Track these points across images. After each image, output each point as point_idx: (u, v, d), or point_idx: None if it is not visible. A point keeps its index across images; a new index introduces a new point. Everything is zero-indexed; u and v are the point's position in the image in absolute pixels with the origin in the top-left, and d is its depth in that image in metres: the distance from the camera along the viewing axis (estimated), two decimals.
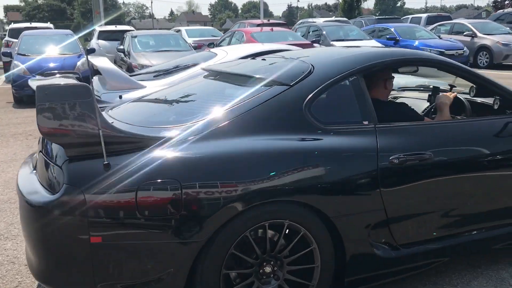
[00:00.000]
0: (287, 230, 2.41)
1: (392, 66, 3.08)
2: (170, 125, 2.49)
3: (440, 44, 14.87)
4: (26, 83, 9.60)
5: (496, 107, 3.19)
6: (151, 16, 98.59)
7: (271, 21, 18.73)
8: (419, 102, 4.00)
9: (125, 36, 13.76)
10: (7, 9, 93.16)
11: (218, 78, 3.16)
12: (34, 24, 16.71)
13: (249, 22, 19.24)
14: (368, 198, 2.54)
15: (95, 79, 5.33)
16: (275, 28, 13.47)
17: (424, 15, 21.54)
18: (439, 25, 18.57)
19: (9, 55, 12.04)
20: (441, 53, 14.38)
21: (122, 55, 12.76)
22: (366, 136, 2.61)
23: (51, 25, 16.87)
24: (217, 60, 5.30)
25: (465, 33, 16.54)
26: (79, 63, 11.22)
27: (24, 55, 11.34)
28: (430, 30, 17.72)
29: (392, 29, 15.96)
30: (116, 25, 20.34)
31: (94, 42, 16.81)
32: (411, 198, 2.64)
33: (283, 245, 2.43)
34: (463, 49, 15.03)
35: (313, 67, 2.78)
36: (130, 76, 5.28)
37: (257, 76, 2.82)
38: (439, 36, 16.19)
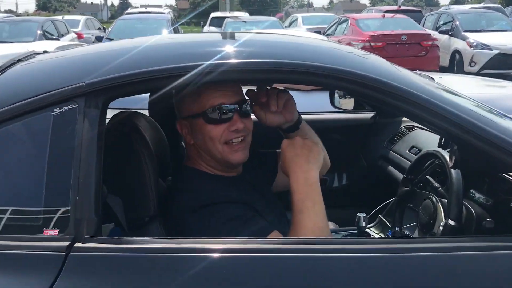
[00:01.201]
0: None
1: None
2: None
3: None
4: None
5: None
6: (308, 5, 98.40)
7: (402, 8, 16.27)
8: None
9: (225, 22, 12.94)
10: None
11: None
12: (148, 9, 16.66)
13: (377, 8, 17.12)
14: None
15: None
16: (386, 15, 11.30)
17: None
18: None
19: (101, 39, 11.81)
20: None
21: None
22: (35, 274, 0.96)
23: (166, 11, 16.64)
24: None
25: None
26: None
27: (111, 39, 10.99)
28: None
29: None
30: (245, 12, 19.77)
31: (206, 28, 16.40)
32: None
33: None
34: None
35: None
36: None
37: None
38: None
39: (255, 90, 1.41)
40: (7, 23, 12.36)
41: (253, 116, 1.39)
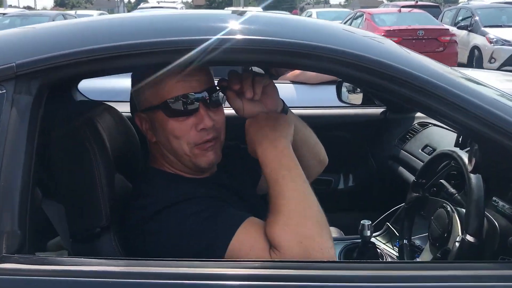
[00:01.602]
0: None
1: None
2: None
3: None
4: None
5: None
6: (325, 1, 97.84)
7: (420, 3, 15.86)
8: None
9: None
10: None
11: None
12: (161, 4, 16.52)
13: (393, 4, 16.73)
14: None
15: None
16: (403, 10, 11.01)
17: None
18: None
19: None
20: None
21: None
22: None
23: (178, 5, 16.50)
24: None
25: None
26: None
27: None
28: None
29: None
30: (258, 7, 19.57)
31: None
32: None
33: None
34: None
35: None
36: None
37: None
38: None
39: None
40: (18, 17, 12.36)
41: (231, 110, 1.16)
